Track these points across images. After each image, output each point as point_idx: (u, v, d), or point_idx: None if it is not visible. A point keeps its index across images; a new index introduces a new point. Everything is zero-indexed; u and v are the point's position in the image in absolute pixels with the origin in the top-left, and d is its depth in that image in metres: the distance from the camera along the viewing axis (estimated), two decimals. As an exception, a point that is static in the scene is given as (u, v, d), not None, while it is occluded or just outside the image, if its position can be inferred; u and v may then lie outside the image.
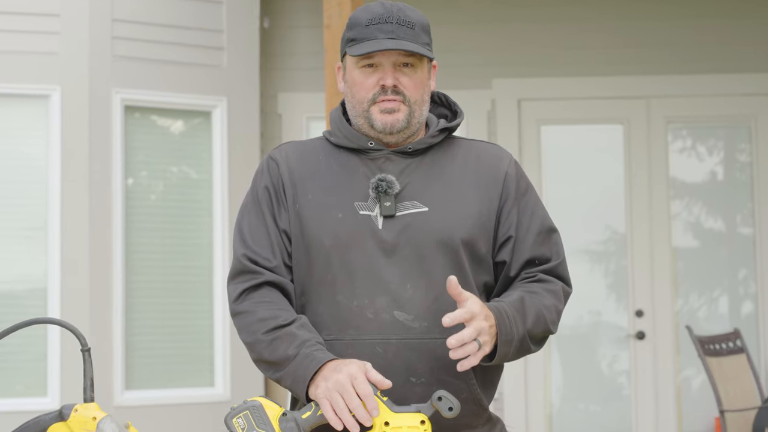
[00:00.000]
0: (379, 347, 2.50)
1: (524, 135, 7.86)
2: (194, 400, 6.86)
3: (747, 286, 7.86)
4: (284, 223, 2.59)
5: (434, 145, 2.64)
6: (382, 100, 2.57)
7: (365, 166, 2.60)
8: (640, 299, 7.79)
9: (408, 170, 2.59)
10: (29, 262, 6.66)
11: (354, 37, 2.59)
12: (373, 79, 2.58)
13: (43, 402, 6.37)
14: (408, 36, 2.56)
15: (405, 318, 2.51)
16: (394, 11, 2.58)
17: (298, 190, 2.60)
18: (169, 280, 6.96)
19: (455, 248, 2.55)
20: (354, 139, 2.62)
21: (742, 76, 7.83)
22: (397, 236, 2.54)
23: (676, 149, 7.94)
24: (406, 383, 2.50)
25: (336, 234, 2.54)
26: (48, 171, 6.62)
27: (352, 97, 2.62)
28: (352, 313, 2.51)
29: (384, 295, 2.51)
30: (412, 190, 2.57)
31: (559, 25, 7.84)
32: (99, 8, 6.72)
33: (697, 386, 7.75)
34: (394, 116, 2.57)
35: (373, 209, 2.56)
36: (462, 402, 2.47)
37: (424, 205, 2.56)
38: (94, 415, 2.11)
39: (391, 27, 2.55)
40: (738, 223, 7.91)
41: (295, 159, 2.64)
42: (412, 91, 2.58)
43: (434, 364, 2.51)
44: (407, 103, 2.58)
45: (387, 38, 2.55)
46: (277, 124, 7.81)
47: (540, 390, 7.71)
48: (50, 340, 6.50)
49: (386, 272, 2.52)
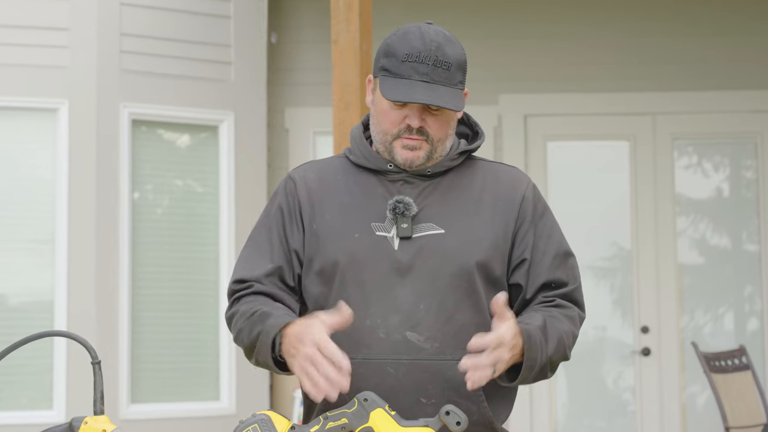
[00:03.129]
0: (390, 367, 2.50)
1: (530, 150, 7.87)
2: (200, 414, 6.86)
3: (753, 303, 7.85)
4: (296, 243, 2.60)
5: (453, 167, 2.64)
6: (407, 138, 2.57)
7: (383, 187, 2.60)
8: (646, 315, 7.78)
9: (426, 192, 2.59)
10: (36, 275, 6.67)
11: (388, 69, 2.56)
12: (401, 115, 2.56)
13: (49, 415, 6.37)
14: (443, 79, 2.54)
15: (417, 339, 2.50)
16: (432, 49, 2.54)
17: (316, 209, 2.61)
18: (175, 293, 6.97)
19: (470, 271, 2.55)
20: (373, 160, 2.62)
21: (748, 92, 7.83)
22: (412, 257, 2.54)
23: (681, 165, 7.95)
24: (417, 404, 2.49)
25: (351, 253, 2.54)
26: (55, 184, 6.63)
27: (378, 123, 2.61)
28: (365, 332, 2.51)
29: (396, 315, 2.51)
30: (429, 212, 2.57)
31: (565, 41, 7.86)
32: (107, 23, 6.74)
33: (703, 403, 7.74)
34: (415, 153, 2.57)
35: (389, 230, 2.56)
36: (472, 424, 2.46)
37: (440, 228, 2.56)
38: (104, 427, 2.11)
39: (427, 69, 2.53)
40: (744, 239, 7.91)
41: (313, 178, 2.65)
42: (436, 131, 2.58)
43: (445, 386, 2.51)
44: (429, 142, 2.58)
45: (421, 81, 2.52)
46: (284, 139, 7.82)
47: (545, 406, 7.71)
48: (56, 353, 6.50)
49: (400, 292, 2.52)
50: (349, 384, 2.32)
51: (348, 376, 2.31)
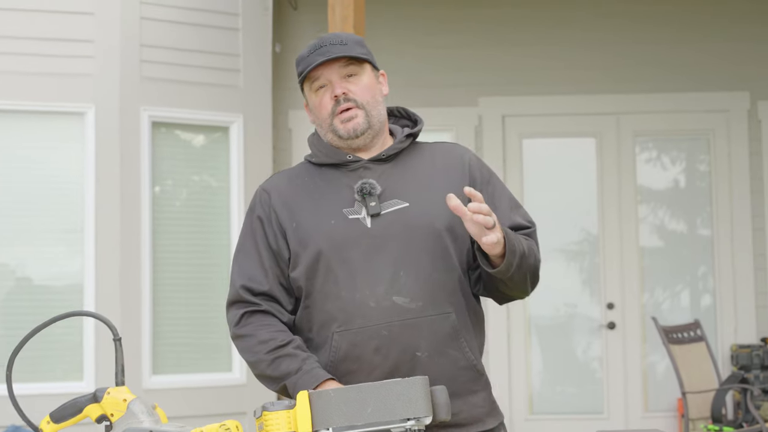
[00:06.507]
0: (385, 330, 2.52)
1: (508, 147, 7.87)
2: (214, 384, 6.86)
3: (706, 282, 7.86)
4: (281, 245, 2.62)
5: (403, 150, 2.68)
6: (340, 111, 2.61)
7: (347, 177, 2.63)
8: (611, 293, 7.79)
9: (385, 175, 2.62)
10: (67, 261, 6.66)
11: (301, 70, 2.65)
12: (327, 97, 2.62)
13: (80, 386, 6.37)
14: (341, 51, 2.61)
15: (403, 301, 2.53)
16: (327, 38, 2.64)
17: (292, 208, 2.62)
18: (191, 276, 6.96)
19: (438, 234, 2.57)
20: (333, 155, 2.65)
21: (702, 94, 7.83)
22: (385, 232, 2.56)
23: (642, 160, 7.95)
24: (414, 358, 2.52)
25: (331, 238, 2.56)
26: (83, 180, 6.62)
27: (317, 118, 2.67)
28: (357, 305, 2.53)
29: (382, 285, 2.53)
30: (391, 190, 2.60)
31: (538, 49, 7.85)
32: (129, 35, 6.73)
33: (662, 371, 7.75)
34: (354, 121, 2.61)
35: (360, 212, 2.58)
36: (461, 370, 2.53)
37: (404, 201, 2.59)
38: (125, 397, 2.11)
39: (326, 49, 2.61)
40: (698, 225, 7.92)
41: (284, 185, 2.67)
42: (361, 94, 2.62)
43: (434, 338, 2.54)
44: (361, 107, 2.61)
45: (320, 55, 2.61)
46: (287, 138, 7.81)
47: (522, 373, 7.71)
48: (86, 331, 6.50)
49: (380, 264, 2.54)
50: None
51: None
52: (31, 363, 6.37)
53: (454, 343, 2.55)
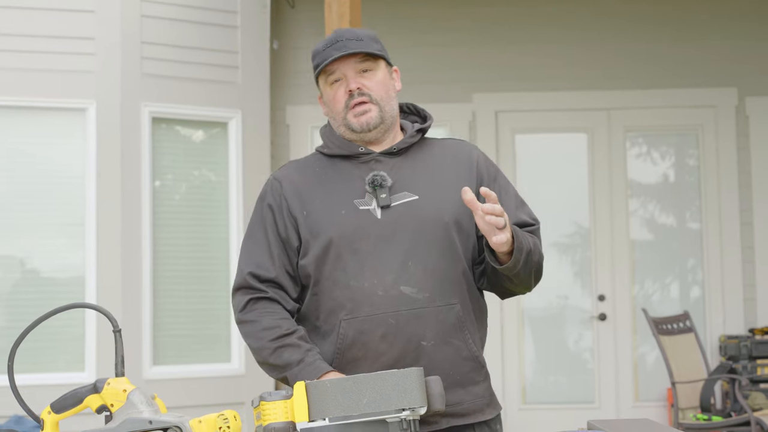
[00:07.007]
0: (392, 318, 2.53)
1: (501, 142, 7.87)
2: (213, 374, 6.86)
3: (695, 274, 7.87)
4: (290, 234, 2.62)
5: (413, 144, 2.68)
6: (354, 105, 2.62)
7: (358, 169, 2.63)
8: (602, 285, 7.80)
9: (395, 168, 2.63)
10: (69, 254, 6.66)
11: (317, 63, 2.65)
12: (342, 91, 2.63)
13: (81, 376, 6.37)
14: (357, 46, 2.61)
15: (410, 291, 2.54)
16: (343, 32, 2.64)
17: (304, 198, 2.62)
18: (190, 269, 6.97)
19: (445, 227, 2.58)
20: (345, 147, 2.66)
21: (691, 90, 7.84)
22: (394, 223, 2.57)
23: (633, 154, 7.95)
24: (419, 347, 2.53)
25: (342, 228, 2.56)
26: (85, 174, 6.62)
27: (332, 111, 2.67)
28: (365, 293, 2.54)
29: (390, 274, 2.54)
30: (401, 183, 2.61)
31: (532, 46, 7.85)
32: (130, 32, 6.72)
33: (652, 361, 7.76)
34: (367, 115, 2.62)
35: (371, 204, 2.59)
36: (464, 360, 2.56)
37: (414, 194, 2.60)
38: (125, 387, 2.11)
39: (342, 44, 2.61)
40: (687, 219, 7.93)
41: (296, 175, 2.67)
42: (375, 90, 2.63)
43: (439, 328, 2.55)
44: (375, 102, 2.62)
45: (336, 50, 2.61)
46: (285, 133, 7.81)
47: (515, 364, 7.72)
48: (87, 322, 6.50)
49: (389, 254, 2.55)
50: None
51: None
52: (33, 354, 6.37)
53: (459, 334, 2.57)
